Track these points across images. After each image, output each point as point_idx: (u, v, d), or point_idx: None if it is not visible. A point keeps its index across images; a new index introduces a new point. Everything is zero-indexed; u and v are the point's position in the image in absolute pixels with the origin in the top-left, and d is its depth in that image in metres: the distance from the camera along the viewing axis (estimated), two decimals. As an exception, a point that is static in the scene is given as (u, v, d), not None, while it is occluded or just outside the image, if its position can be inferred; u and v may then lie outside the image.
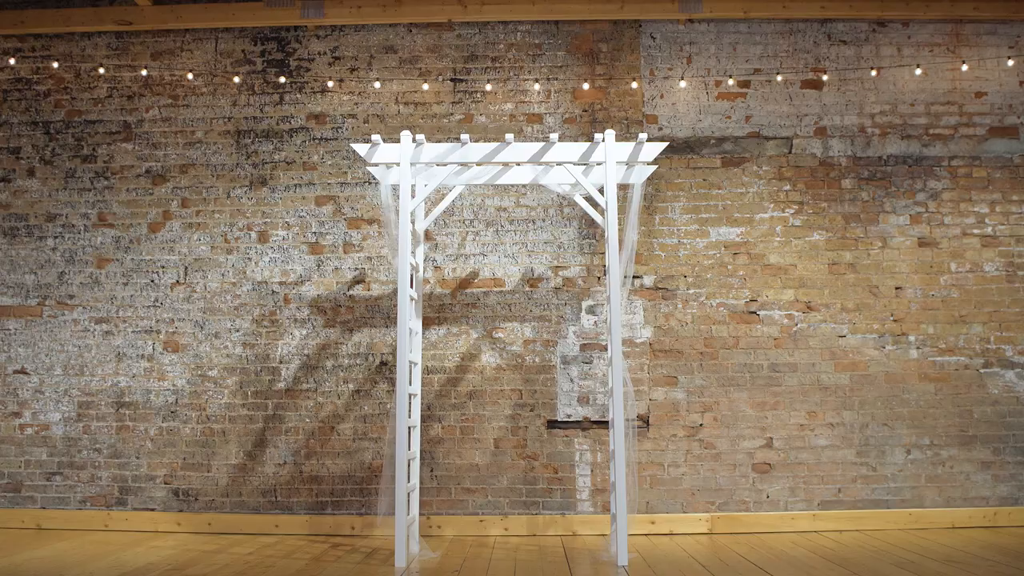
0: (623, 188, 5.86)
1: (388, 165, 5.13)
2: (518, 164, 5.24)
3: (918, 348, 6.02)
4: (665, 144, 5.29)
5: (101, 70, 6.29)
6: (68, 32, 6.33)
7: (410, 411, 5.08)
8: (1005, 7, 6.23)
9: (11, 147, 6.30)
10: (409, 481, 4.93)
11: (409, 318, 4.86)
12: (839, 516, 5.82)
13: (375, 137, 5.00)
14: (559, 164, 5.07)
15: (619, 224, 5.63)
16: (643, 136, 5.02)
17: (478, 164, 5.09)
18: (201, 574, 4.46)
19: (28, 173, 6.26)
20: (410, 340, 5.03)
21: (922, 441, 5.93)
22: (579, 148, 5.01)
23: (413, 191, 5.25)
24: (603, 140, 4.95)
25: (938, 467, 5.92)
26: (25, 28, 6.27)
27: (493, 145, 4.97)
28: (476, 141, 6.06)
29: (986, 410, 5.98)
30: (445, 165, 5.07)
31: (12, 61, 6.32)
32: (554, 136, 4.99)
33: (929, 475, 5.91)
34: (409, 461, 4.97)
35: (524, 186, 6.03)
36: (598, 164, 5.08)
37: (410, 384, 5.04)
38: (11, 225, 6.23)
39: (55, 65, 6.31)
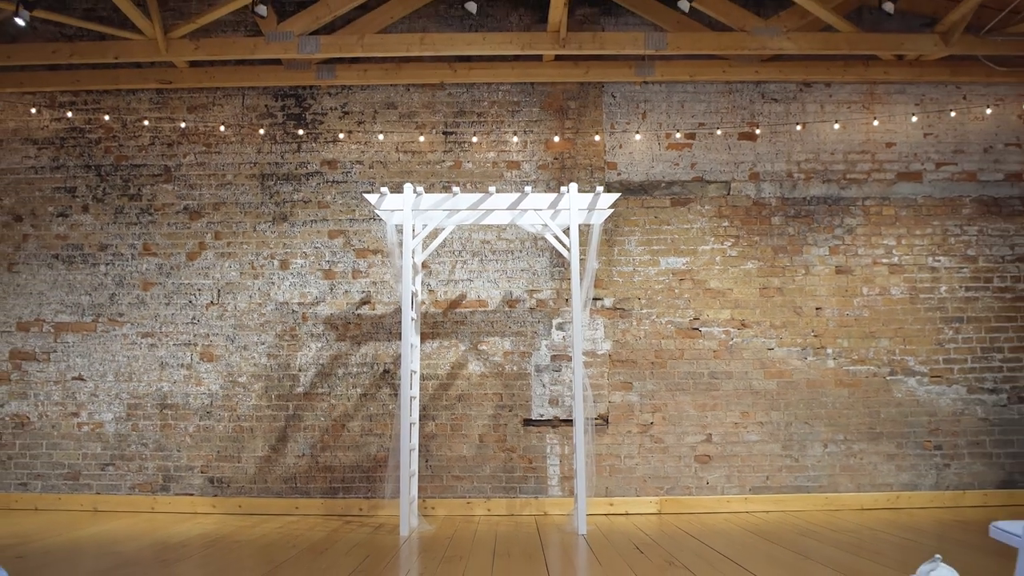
0: (586, 227, 7.01)
1: (393, 211, 6.27)
2: (499, 210, 6.38)
3: (834, 359, 7.20)
4: (618, 195, 6.45)
5: (145, 122, 7.40)
6: (116, 89, 7.43)
7: (411, 411, 6.21)
8: (911, 71, 7.42)
9: (68, 187, 7.40)
10: (410, 468, 6.06)
11: (410, 335, 6.00)
12: (767, 499, 6.98)
13: (383, 189, 6.14)
14: (532, 210, 6.22)
15: (582, 255, 6.77)
16: (600, 188, 6.17)
17: (466, 210, 6.23)
18: (243, 541, 5.59)
19: (83, 209, 7.36)
20: (411, 353, 6.17)
21: (837, 437, 7.10)
22: (548, 198, 6.17)
23: (413, 231, 6.38)
24: (568, 191, 6.10)
25: (850, 459, 7.09)
26: (79, 85, 7.37)
27: (479, 195, 6.13)
28: (464, 185, 7.20)
29: (891, 411, 7.15)
30: (440, 211, 6.21)
31: (69, 113, 7.42)
32: (528, 188, 6.14)
33: (843, 465, 7.08)
34: (410, 452, 6.09)
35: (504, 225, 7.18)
36: (564, 210, 6.23)
37: (411, 389, 6.17)
38: (68, 254, 7.33)
39: (106, 117, 7.41)
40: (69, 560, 4.99)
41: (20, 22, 5.74)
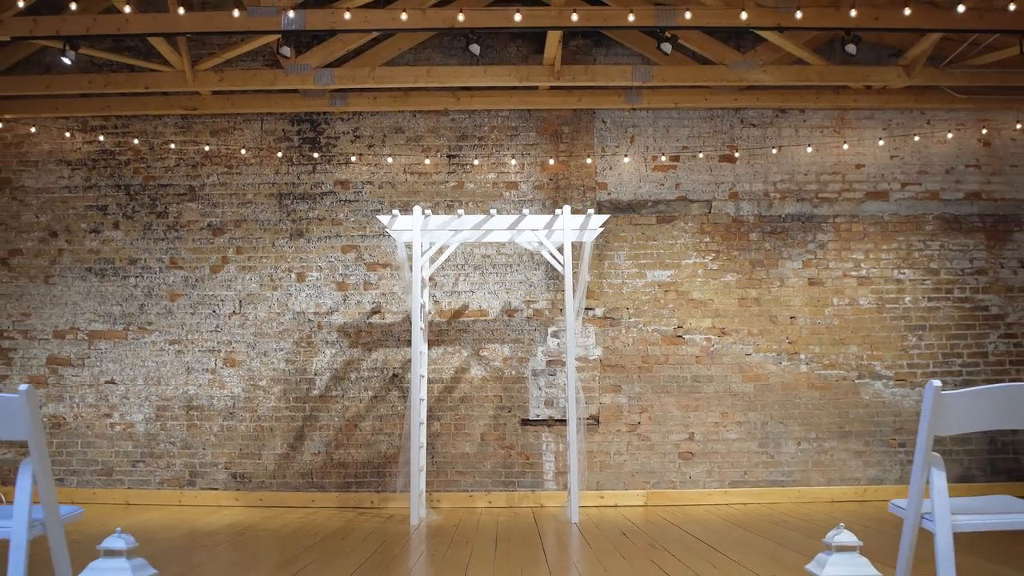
0: (579, 243, 7.63)
1: (403, 230, 6.89)
2: (499, 230, 7.00)
3: (807, 364, 7.84)
4: (607, 216, 7.09)
5: (171, 145, 8.01)
6: (144, 114, 8.03)
7: (420, 412, 6.83)
8: (879, 99, 8.05)
9: (99, 205, 8.01)
10: (419, 464, 6.67)
11: (419, 343, 6.62)
12: (745, 493, 7.62)
13: (395, 211, 6.76)
14: (530, 230, 6.85)
15: (575, 269, 7.39)
16: (591, 211, 6.80)
17: (470, 230, 6.86)
18: (268, 530, 6.21)
19: (114, 226, 7.97)
20: (419, 360, 6.79)
21: (809, 435, 7.73)
22: (544, 219, 6.80)
23: (422, 249, 6.99)
24: (562, 213, 6.73)
25: (822, 455, 7.72)
26: (110, 111, 7.97)
27: (481, 217, 6.76)
28: (466, 203, 7.83)
29: (859, 412, 7.79)
30: (446, 231, 6.84)
31: (101, 137, 8.03)
32: (526, 210, 6.78)
33: (814, 461, 7.71)
34: (419, 449, 6.71)
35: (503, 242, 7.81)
36: (559, 230, 6.85)
37: (420, 392, 6.79)
38: (101, 267, 7.93)
39: (135, 140, 8.02)
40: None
41: (66, 61, 6.34)
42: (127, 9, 6.08)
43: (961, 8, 6.00)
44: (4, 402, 2.70)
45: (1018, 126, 8.12)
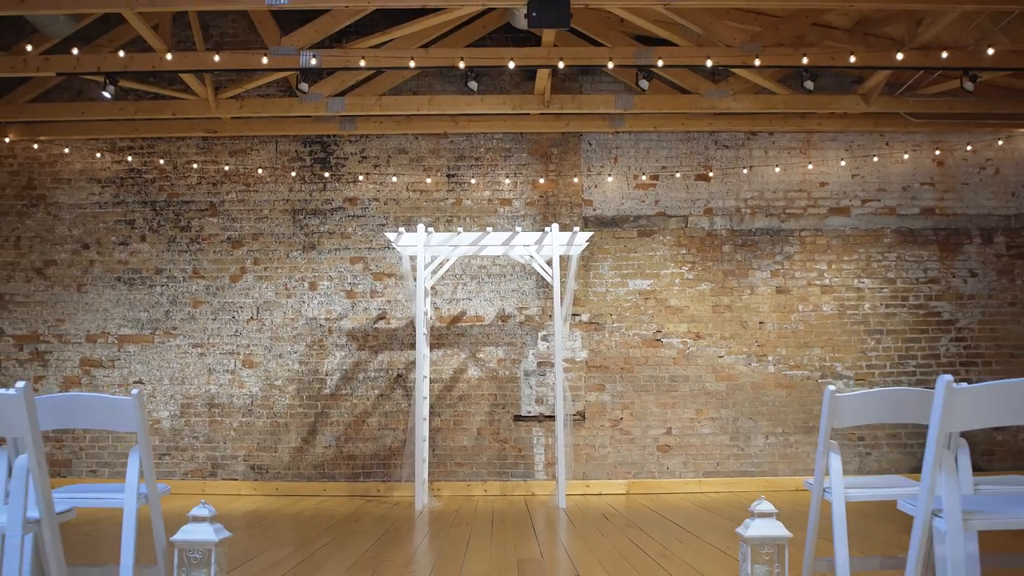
0: (566, 257, 8.39)
1: (408, 246, 7.64)
2: (494, 245, 7.76)
3: (774, 365, 8.61)
4: (591, 233, 7.86)
5: (193, 164, 8.74)
6: (168, 136, 8.77)
7: (423, 409, 7.58)
8: (841, 122, 8.83)
9: (128, 219, 8.74)
10: (422, 456, 7.43)
11: (423, 347, 7.37)
12: (717, 482, 8.39)
13: (401, 229, 7.51)
14: (521, 246, 7.60)
15: (563, 280, 8.14)
16: (576, 229, 7.56)
17: (468, 246, 7.61)
18: (288, 515, 6.96)
19: (141, 239, 8.70)
20: (423, 362, 7.54)
21: (776, 430, 8.51)
22: (534, 236, 7.55)
23: (425, 262, 7.74)
24: (551, 231, 7.49)
25: (787, 448, 8.50)
26: (137, 133, 8.70)
27: (478, 234, 7.51)
28: (464, 219, 8.59)
29: (822, 408, 8.55)
30: (447, 246, 7.59)
31: (129, 157, 8.76)
32: (519, 228, 7.52)
33: (781, 454, 8.49)
34: (423, 442, 7.46)
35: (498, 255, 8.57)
36: (548, 245, 7.61)
37: (423, 391, 7.54)
38: (129, 277, 8.67)
39: (160, 160, 8.75)
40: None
41: (107, 95, 7.07)
42: (169, 57, 6.82)
43: (900, 56, 6.77)
44: (120, 403, 3.47)
45: (968, 147, 8.91)
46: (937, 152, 8.96)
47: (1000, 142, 8.96)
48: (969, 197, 8.94)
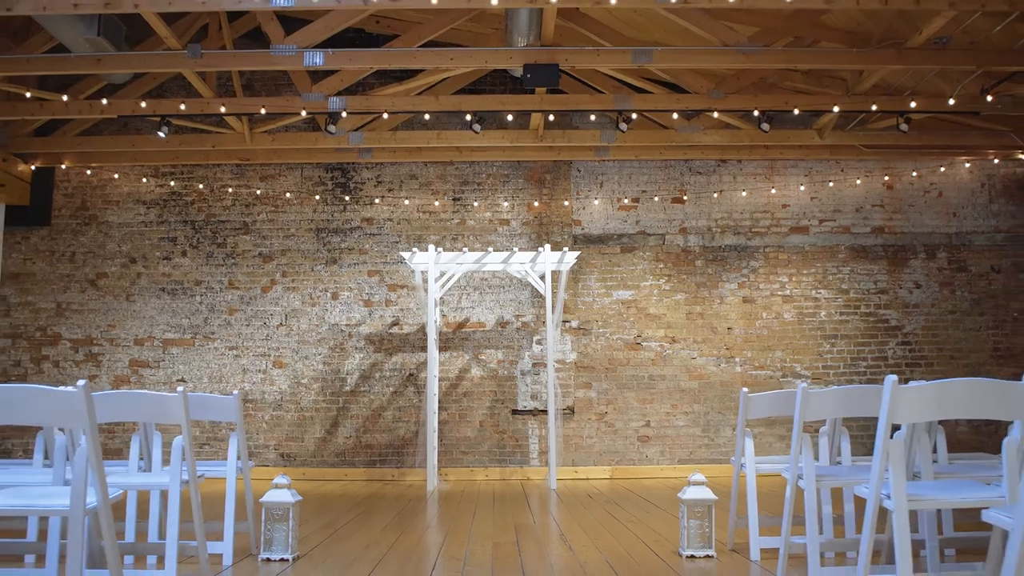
0: (557, 271, 9.56)
1: (420, 263, 8.81)
2: (495, 263, 8.93)
3: (741, 366, 9.79)
4: (579, 251, 9.02)
5: (229, 188, 9.90)
6: (207, 163, 9.92)
7: (433, 404, 8.75)
8: (801, 152, 10.00)
9: (170, 237, 9.90)
10: (433, 444, 8.60)
11: (433, 351, 8.56)
12: (690, 468, 9.55)
13: (414, 249, 8.68)
14: (518, 263, 8.78)
15: (554, 291, 9.31)
16: (566, 249, 8.74)
17: (472, 263, 8.79)
18: (318, 495, 8.13)
19: (182, 254, 9.86)
20: (433, 363, 8.71)
21: (742, 423, 9.67)
22: (529, 254, 8.72)
23: (435, 278, 8.89)
24: (544, 250, 8.66)
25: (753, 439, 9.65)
26: (178, 161, 9.86)
27: (480, 253, 8.69)
28: (467, 237, 9.76)
29: (782, 404, 9.74)
30: (454, 264, 8.77)
31: (171, 182, 9.92)
32: (516, 249, 8.71)
33: (746, 444, 9.65)
34: (433, 432, 8.63)
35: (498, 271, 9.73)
36: (541, 262, 8.78)
37: (434, 389, 8.71)
38: (172, 288, 9.83)
39: (199, 185, 9.91)
40: (214, 505, 7.53)
41: (161, 135, 8.22)
42: (223, 109, 7.99)
43: (836, 108, 7.98)
44: (223, 401, 4.64)
45: (914, 173, 10.09)
46: (886, 178, 10.14)
47: (943, 169, 10.14)
48: (915, 217, 10.12)
